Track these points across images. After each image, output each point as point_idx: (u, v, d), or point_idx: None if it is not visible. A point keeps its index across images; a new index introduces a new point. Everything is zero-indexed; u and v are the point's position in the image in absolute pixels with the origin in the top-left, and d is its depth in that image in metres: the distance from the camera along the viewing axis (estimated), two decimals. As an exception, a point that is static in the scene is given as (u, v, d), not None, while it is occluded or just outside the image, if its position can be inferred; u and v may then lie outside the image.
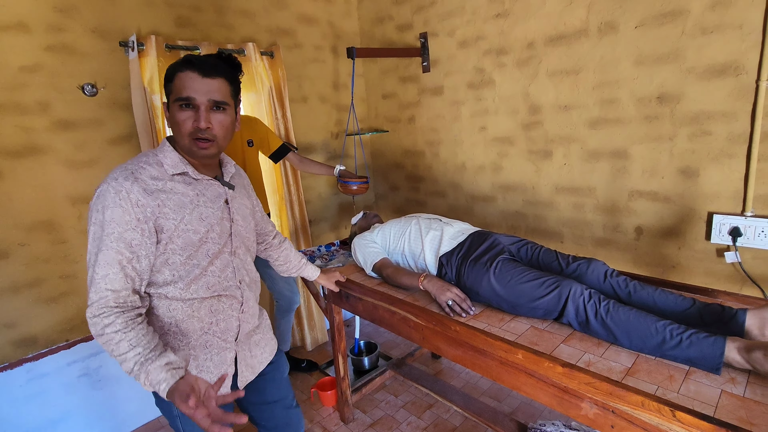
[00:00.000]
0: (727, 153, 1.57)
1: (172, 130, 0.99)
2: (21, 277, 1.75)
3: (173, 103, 0.95)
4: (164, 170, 0.97)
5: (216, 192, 1.05)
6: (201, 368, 1.06)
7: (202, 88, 0.93)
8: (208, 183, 1.04)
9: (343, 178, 2.15)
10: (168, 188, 0.95)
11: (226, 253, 1.06)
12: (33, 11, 1.68)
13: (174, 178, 0.98)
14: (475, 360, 1.31)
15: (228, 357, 1.10)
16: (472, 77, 2.32)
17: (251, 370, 1.18)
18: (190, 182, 1.00)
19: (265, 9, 2.39)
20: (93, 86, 1.83)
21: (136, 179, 0.92)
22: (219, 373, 1.08)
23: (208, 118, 0.95)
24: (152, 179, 0.94)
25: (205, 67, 0.94)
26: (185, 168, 0.99)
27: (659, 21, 1.64)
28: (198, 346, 1.04)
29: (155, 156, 0.99)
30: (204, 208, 1.01)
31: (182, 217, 0.96)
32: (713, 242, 1.64)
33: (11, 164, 1.68)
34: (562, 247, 2.13)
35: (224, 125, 0.98)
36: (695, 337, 1.05)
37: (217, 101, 0.95)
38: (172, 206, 0.95)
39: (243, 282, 1.12)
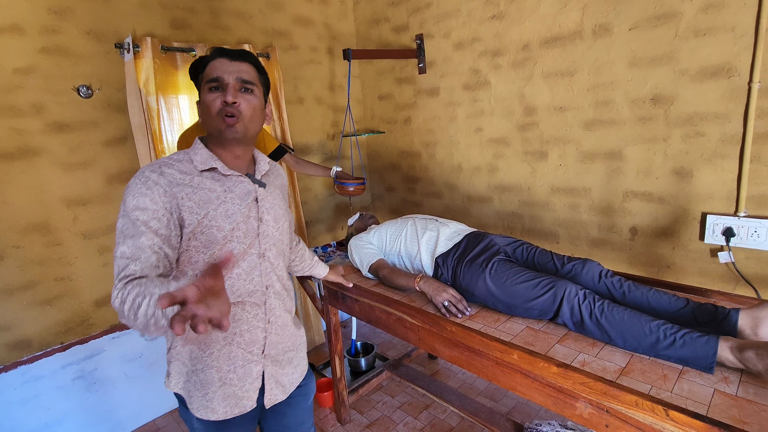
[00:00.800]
0: (720, 154, 1.58)
1: (203, 119, 0.98)
2: (15, 280, 1.74)
3: (203, 87, 0.95)
4: (194, 167, 0.96)
5: (245, 189, 1.00)
6: (224, 380, 1.00)
7: (231, 68, 0.94)
8: (238, 179, 1.00)
9: (339, 179, 2.15)
10: (195, 183, 0.94)
11: (253, 255, 1.01)
12: (27, 13, 1.67)
13: (203, 174, 0.96)
14: (471, 360, 1.31)
15: (254, 371, 1.03)
16: (468, 79, 2.33)
17: (282, 389, 1.10)
18: (218, 178, 0.98)
19: (261, 11, 2.40)
20: (88, 88, 1.82)
21: (162, 173, 0.92)
22: (243, 386, 1.02)
23: (236, 95, 0.94)
24: (180, 173, 0.94)
25: (234, 53, 0.96)
26: (214, 164, 0.97)
27: (652, 23, 1.65)
28: (221, 357, 1.00)
29: (186, 154, 0.99)
30: (230, 204, 0.97)
31: (206, 212, 0.93)
32: (707, 242, 1.65)
33: (5, 167, 1.67)
34: (558, 248, 2.14)
35: (252, 105, 0.97)
36: (688, 337, 1.06)
37: (245, 80, 0.95)
38: (197, 200, 0.93)
39: (270, 288, 1.05)
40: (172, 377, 1.03)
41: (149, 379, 2.13)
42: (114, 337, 2.00)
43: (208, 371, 0.99)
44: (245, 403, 1.03)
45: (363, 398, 2.26)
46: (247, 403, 1.03)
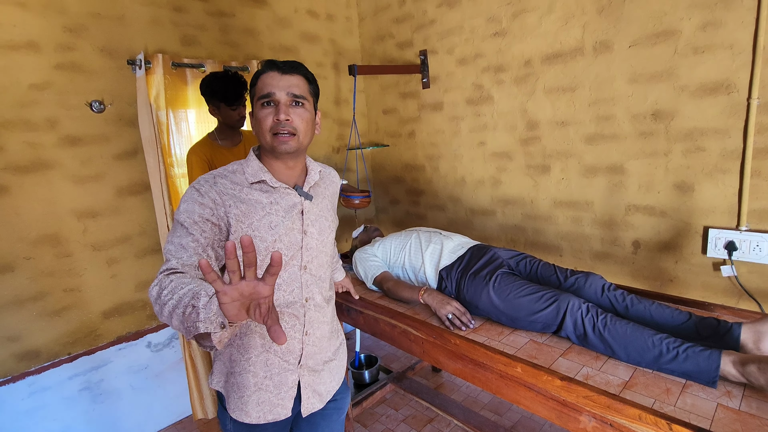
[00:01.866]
0: (721, 168, 1.60)
1: (256, 132, 1.00)
2: (25, 291, 1.77)
3: (256, 104, 0.97)
4: (245, 178, 0.99)
5: (291, 202, 1.02)
6: (259, 386, 1.02)
7: (282, 83, 0.95)
8: (285, 192, 1.01)
9: (345, 192, 2.18)
10: (244, 194, 0.97)
11: (295, 267, 1.02)
12: (43, 31, 1.73)
13: (252, 186, 0.99)
14: (475, 373, 1.32)
15: (289, 379, 1.05)
16: (471, 93, 2.37)
17: (319, 398, 1.10)
18: (267, 190, 1.00)
19: (269, 27, 2.46)
20: (101, 103, 1.87)
21: (215, 183, 0.96)
22: (278, 393, 1.03)
23: (288, 111, 0.96)
24: (232, 184, 0.98)
25: (285, 65, 0.97)
26: (263, 176, 0.99)
27: (652, 41, 1.69)
28: (258, 363, 1.02)
29: (240, 165, 1.02)
30: (275, 216, 0.99)
31: (251, 222, 0.96)
32: (709, 256, 1.66)
33: (19, 179, 1.71)
34: (561, 261, 2.15)
35: (304, 119, 0.98)
36: (691, 351, 1.07)
37: (296, 95, 0.97)
38: (243, 210, 0.96)
39: (310, 300, 1.06)
40: (214, 375, 1.07)
41: (154, 391, 2.14)
42: (120, 348, 2.02)
43: (245, 375, 1.02)
44: (279, 411, 1.04)
45: (367, 411, 2.25)
46: (281, 411, 1.04)
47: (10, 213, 1.70)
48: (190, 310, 0.71)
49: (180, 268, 0.85)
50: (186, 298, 0.73)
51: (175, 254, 0.87)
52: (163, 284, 0.80)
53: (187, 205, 0.92)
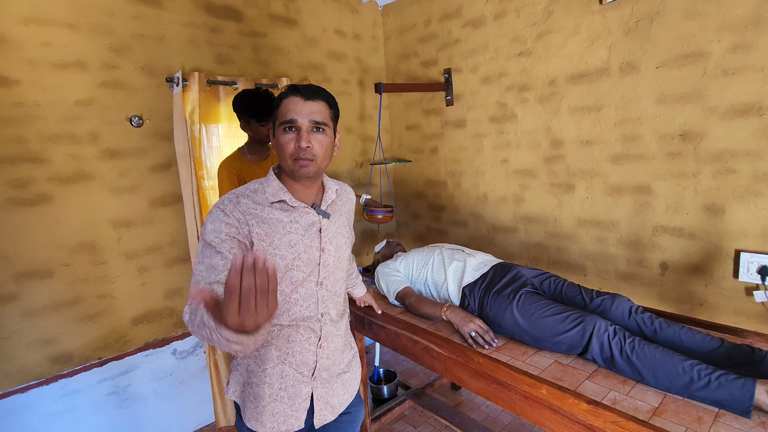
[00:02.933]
0: (753, 191, 1.57)
1: (277, 153, 1.04)
2: (62, 296, 1.84)
3: (278, 127, 1.01)
4: (266, 197, 1.03)
5: (310, 220, 1.05)
6: (275, 397, 1.05)
7: (304, 110, 0.99)
8: (304, 211, 1.05)
9: (368, 206, 2.21)
10: (265, 214, 1.01)
11: (311, 283, 1.05)
12: (91, 51, 1.84)
13: (273, 205, 1.02)
14: (498, 393, 1.31)
15: (303, 391, 1.07)
16: (495, 111, 2.39)
17: (331, 410, 1.12)
18: (287, 209, 1.03)
19: (298, 47, 2.55)
20: (140, 118, 1.97)
21: (238, 202, 1.00)
22: (293, 405, 1.06)
23: (309, 138, 0.99)
24: (254, 204, 1.01)
25: (308, 91, 1.00)
26: (283, 196, 1.03)
27: (680, 62, 1.68)
28: (274, 374, 1.05)
29: (261, 184, 1.05)
30: (294, 234, 1.02)
31: (272, 241, 0.99)
32: (741, 280, 1.62)
33: (62, 189, 1.81)
34: (586, 281, 2.12)
35: (324, 144, 1.02)
36: (724, 379, 1.04)
37: (317, 122, 1.00)
38: (266, 229, 0.99)
39: (326, 315, 1.09)
40: (231, 385, 1.10)
41: (177, 398, 2.18)
42: (147, 354, 2.08)
43: (261, 386, 1.05)
44: (293, 422, 1.07)
45: (385, 427, 2.24)
46: (294, 422, 1.07)
47: (52, 221, 1.79)
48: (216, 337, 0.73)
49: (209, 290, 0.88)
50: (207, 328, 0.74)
51: (205, 276, 0.90)
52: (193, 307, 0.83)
53: (214, 225, 0.96)
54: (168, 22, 2.03)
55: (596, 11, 1.89)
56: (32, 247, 1.76)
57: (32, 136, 1.73)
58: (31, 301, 1.77)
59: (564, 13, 2.00)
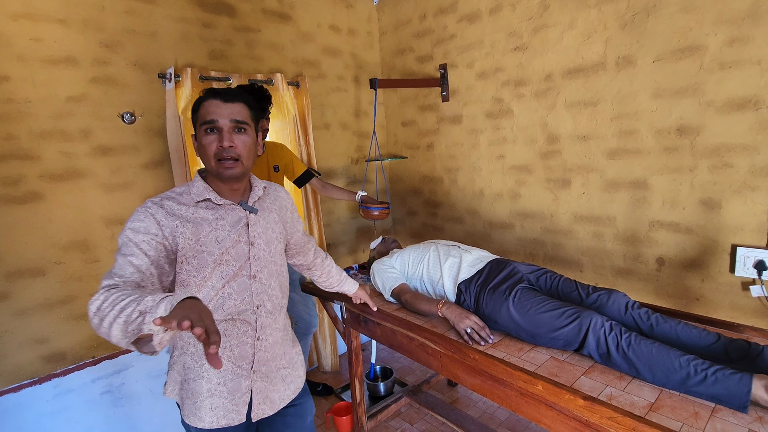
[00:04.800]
0: (750, 186, 1.57)
1: (201, 156, 1.06)
2: (55, 294, 1.83)
3: (199, 129, 1.04)
4: (191, 198, 1.05)
5: (236, 216, 1.09)
6: (213, 392, 1.07)
7: (224, 111, 1.02)
8: (230, 207, 1.08)
9: (364, 203, 2.20)
10: (189, 213, 1.03)
11: (244, 276, 1.08)
12: (82, 46, 1.81)
13: (198, 204, 1.05)
14: (494, 389, 1.30)
15: (243, 385, 1.10)
16: (491, 107, 2.38)
17: (270, 404, 1.15)
18: (212, 207, 1.06)
19: (292, 42, 2.52)
20: (132, 114, 1.95)
21: (162, 204, 1.01)
22: (233, 399, 1.08)
23: (231, 138, 1.02)
24: (179, 205, 1.03)
25: (226, 94, 1.04)
26: (208, 195, 1.06)
27: (677, 56, 1.67)
28: (212, 369, 1.06)
29: (186, 187, 1.09)
30: (221, 231, 1.05)
31: (198, 238, 1.02)
32: (738, 275, 1.62)
33: (54, 187, 1.79)
34: (582, 276, 2.12)
35: (246, 144, 1.05)
36: (720, 374, 1.04)
37: (238, 120, 1.03)
38: (190, 228, 1.01)
39: (261, 308, 1.12)
40: (168, 385, 1.12)
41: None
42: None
43: (199, 381, 1.07)
44: (233, 416, 1.09)
45: (381, 424, 2.23)
46: (235, 416, 1.09)
47: (44, 219, 1.77)
48: (136, 315, 0.75)
49: (121, 285, 0.88)
50: (129, 307, 0.76)
51: (118, 271, 0.90)
52: (105, 297, 0.82)
53: (134, 224, 0.97)
54: (160, 17, 2.01)
55: (592, 5, 1.88)
56: (24, 246, 1.74)
57: (22, 133, 1.71)
58: (24, 299, 1.75)
59: (560, 7, 1.99)
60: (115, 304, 0.79)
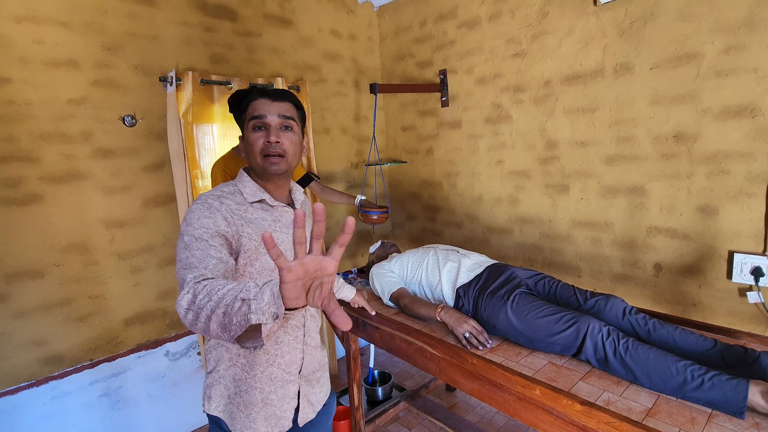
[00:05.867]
0: (746, 192, 1.58)
1: (247, 154, 1.05)
2: (53, 296, 1.82)
3: (248, 125, 1.02)
4: (244, 198, 1.03)
5: (290, 219, 1.08)
6: (266, 401, 1.05)
7: (272, 108, 1.01)
8: (283, 210, 1.08)
9: (363, 207, 2.20)
10: (249, 214, 1.01)
11: None
12: (84, 49, 1.82)
13: (253, 205, 1.03)
14: (492, 394, 1.30)
15: (291, 390, 1.09)
16: (490, 112, 2.39)
17: (312, 408, 1.15)
18: (267, 209, 1.05)
19: (293, 47, 2.54)
20: (132, 117, 1.96)
21: (222, 201, 0.98)
22: (282, 406, 1.07)
23: (278, 134, 1.01)
24: (236, 204, 1.00)
25: (274, 93, 1.03)
26: (262, 195, 1.04)
27: (674, 63, 1.69)
28: (263, 379, 1.05)
29: (235, 186, 1.05)
30: (279, 233, 1.04)
31: (261, 241, 0.99)
32: (735, 281, 1.62)
33: (54, 189, 1.79)
34: (580, 282, 2.12)
35: (293, 142, 1.04)
36: (717, 379, 1.04)
37: (286, 116, 1.02)
38: (253, 229, 0.99)
39: (308, 310, 1.12)
40: (213, 400, 1.06)
41: (170, 399, 2.16)
42: (140, 356, 2.06)
43: (252, 392, 1.04)
44: (284, 423, 1.07)
45: (379, 429, 2.23)
46: (285, 423, 1.08)
47: (43, 221, 1.77)
48: (239, 305, 0.67)
49: (209, 275, 0.83)
50: (229, 296, 0.70)
51: (199, 264, 0.84)
52: (196, 290, 0.77)
53: (201, 221, 0.92)
54: (162, 21, 2.02)
55: (591, 12, 1.89)
56: (23, 247, 1.74)
57: (23, 135, 1.71)
58: (22, 301, 1.75)
59: (559, 15, 2.01)
60: (211, 295, 0.73)
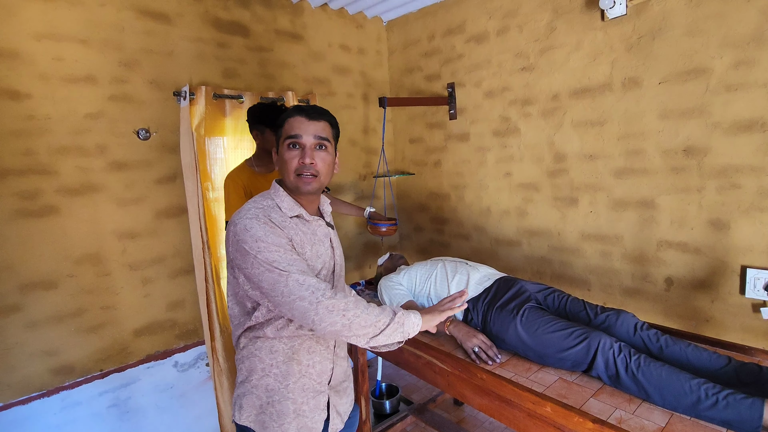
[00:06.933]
0: (759, 207, 1.56)
1: (280, 170, 1.07)
2: (66, 307, 1.85)
3: (283, 143, 1.05)
4: (283, 213, 1.05)
5: (324, 232, 1.12)
6: (298, 412, 1.06)
7: (309, 128, 1.04)
8: (318, 223, 1.11)
9: (372, 219, 2.21)
10: (291, 227, 1.04)
11: None
12: (101, 65, 1.87)
13: (292, 219, 1.06)
14: (502, 410, 1.29)
15: (322, 401, 1.10)
16: (498, 125, 2.40)
17: (340, 419, 1.16)
18: (304, 223, 1.08)
19: (303, 61, 2.58)
20: (147, 131, 2.00)
21: (270, 217, 1.01)
22: (313, 417, 1.08)
23: (312, 155, 1.03)
24: (280, 217, 1.03)
25: (312, 111, 1.06)
26: (299, 210, 1.07)
27: (683, 78, 1.69)
28: (296, 390, 1.06)
29: (272, 200, 1.07)
30: (319, 246, 1.08)
31: (303, 252, 1.03)
32: (748, 297, 1.60)
33: (69, 201, 1.83)
34: (590, 295, 2.10)
35: (326, 162, 1.07)
36: (732, 398, 1.02)
37: (321, 137, 1.05)
38: (298, 241, 1.03)
39: None
40: (244, 410, 1.07)
41: (177, 410, 2.17)
42: (149, 366, 2.07)
43: (285, 403, 1.05)
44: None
45: (387, 443, 2.21)
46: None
47: (58, 233, 1.81)
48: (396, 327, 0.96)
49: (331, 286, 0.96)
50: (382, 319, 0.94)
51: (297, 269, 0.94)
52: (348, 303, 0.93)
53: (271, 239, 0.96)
54: (177, 37, 2.07)
55: (598, 28, 1.91)
56: (38, 258, 1.77)
57: (41, 148, 1.76)
58: (35, 312, 1.78)
59: (566, 30, 2.03)
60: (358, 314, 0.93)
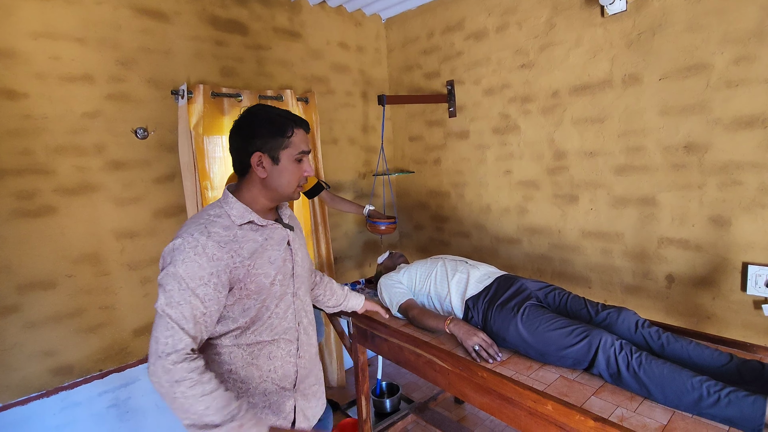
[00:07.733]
0: (760, 203, 1.56)
1: (280, 180, 1.05)
2: (64, 307, 1.84)
3: (291, 155, 1.05)
4: (232, 222, 1.02)
5: (281, 235, 1.10)
6: (261, 415, 1.06)
7: (309, 142, 1.11)
8: (273, 227, 1.08)
9: (371, 218, 2.21)
10: (239, 237, 1.00)
11: (288, 295, 1.09)
12: (98, 64, 1.86)
13: (242, 227, 1.02)
14: (503, 408, 1.29)
15: (287, 405, 1.09)
16: (498, 123, 2.39)
17: (307, 422, 1.16)
18: (256, 229, 1.05)
19: (302, 59, 2.57)
20: (144, 130, 1.99)
21: (209, 234, 0.96)
22: (277, 421, 1.08)
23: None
24: (224, 230, 0.99)
25: (305, 125, 1.10)
26: (250, 216, 1.04)
27: (683, 74, 1.68)
28: (257, 394, 1.05)
29: (221, 208, 1.04)
30: (272, 251, 1.05)
31: (254, 262, 1.01)
32: (749, 293, 1.60)
33: (67, 201, 1.82)
34: (591, 293, 2.10)
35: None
36: (734, 396, 1.02)
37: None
38: (245, 254, 0.99)
39: (301, 324, 1.13)
40: None
41: (178, 410, 2.16)
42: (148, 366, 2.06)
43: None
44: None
45: (387, 442, 2.20)
46: None
47: (56, 232, 1.80)
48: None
49: (190, 347, 0.89)
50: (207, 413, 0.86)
51: (180, 326, 0.89)
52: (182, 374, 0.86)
53: (185, 266, 0.91)
54: (174, 35, 2.06)
55: (598, 24, 1.90)
56: (36, 258, 1.76)
57: (39, 148, 1.75)
58: (34, 312, 1.77)
59: (566, 26, 2.01)
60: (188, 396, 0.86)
